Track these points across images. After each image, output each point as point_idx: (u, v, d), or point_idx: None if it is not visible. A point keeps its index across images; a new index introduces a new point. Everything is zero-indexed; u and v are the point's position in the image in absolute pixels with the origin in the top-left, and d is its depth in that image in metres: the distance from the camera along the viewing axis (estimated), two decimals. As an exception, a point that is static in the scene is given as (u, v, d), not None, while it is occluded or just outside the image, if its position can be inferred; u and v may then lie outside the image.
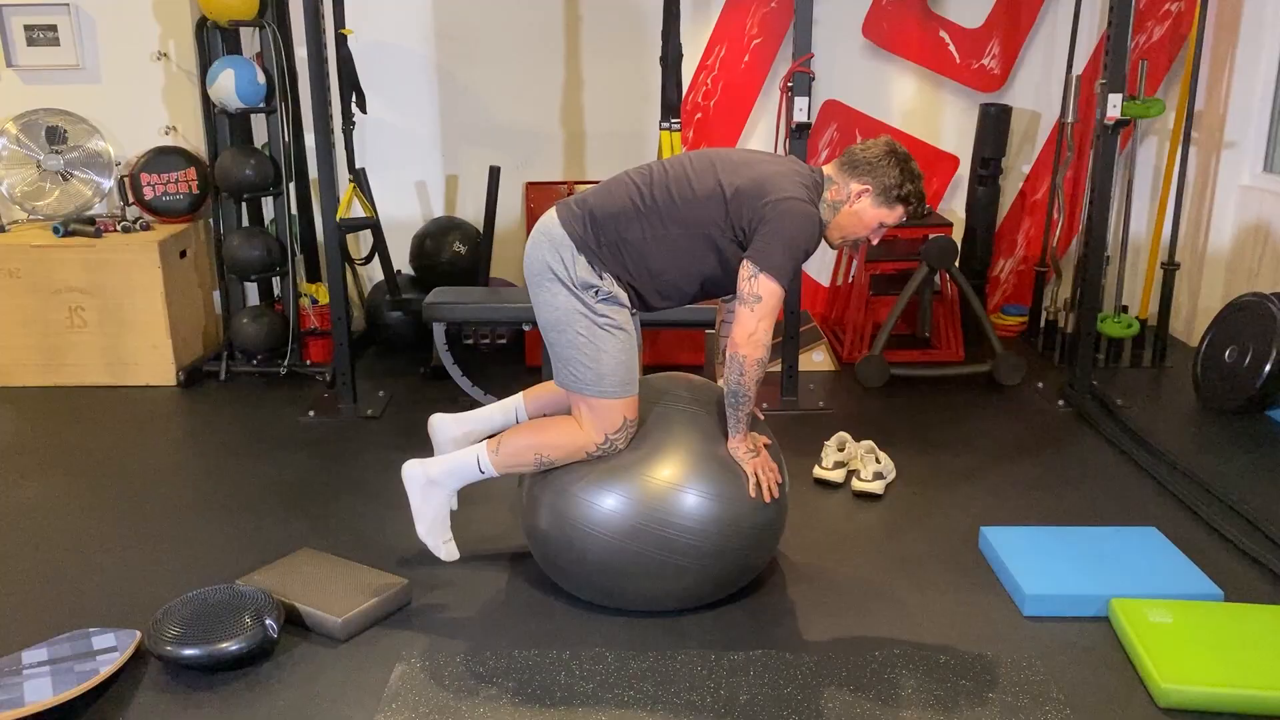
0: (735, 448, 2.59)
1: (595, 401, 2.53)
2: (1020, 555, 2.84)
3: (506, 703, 2.32)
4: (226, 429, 3.97)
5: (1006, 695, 2.34)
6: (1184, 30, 4.78)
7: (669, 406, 2.66)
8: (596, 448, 2.56)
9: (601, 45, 4.84)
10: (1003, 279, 5.21)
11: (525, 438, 2.62)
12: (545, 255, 2.55)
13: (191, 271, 4.60)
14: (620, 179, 2.60)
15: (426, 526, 2.72)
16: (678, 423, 2.62)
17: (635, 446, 2.58)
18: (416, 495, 2.71)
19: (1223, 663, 2.34)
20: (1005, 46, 4.87)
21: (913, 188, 2.54)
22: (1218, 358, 4.13)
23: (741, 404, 2.53)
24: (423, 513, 2.71)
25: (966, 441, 3.82)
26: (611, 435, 2.55)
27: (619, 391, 2.53)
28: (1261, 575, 2.85)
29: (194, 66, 4.55)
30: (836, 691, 2.35)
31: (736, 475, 2.57)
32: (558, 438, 2.58)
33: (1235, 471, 3.51)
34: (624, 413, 2.55)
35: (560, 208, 2.58)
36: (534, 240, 2.59)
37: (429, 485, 2.70)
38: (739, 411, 2.54)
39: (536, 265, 2.57)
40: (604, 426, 2.54)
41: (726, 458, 2.59)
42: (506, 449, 2.63)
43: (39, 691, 2.26)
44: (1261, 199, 4.54)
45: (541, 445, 2.59)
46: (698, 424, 2.62)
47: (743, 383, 2.50)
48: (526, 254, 2.62)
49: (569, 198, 2.63)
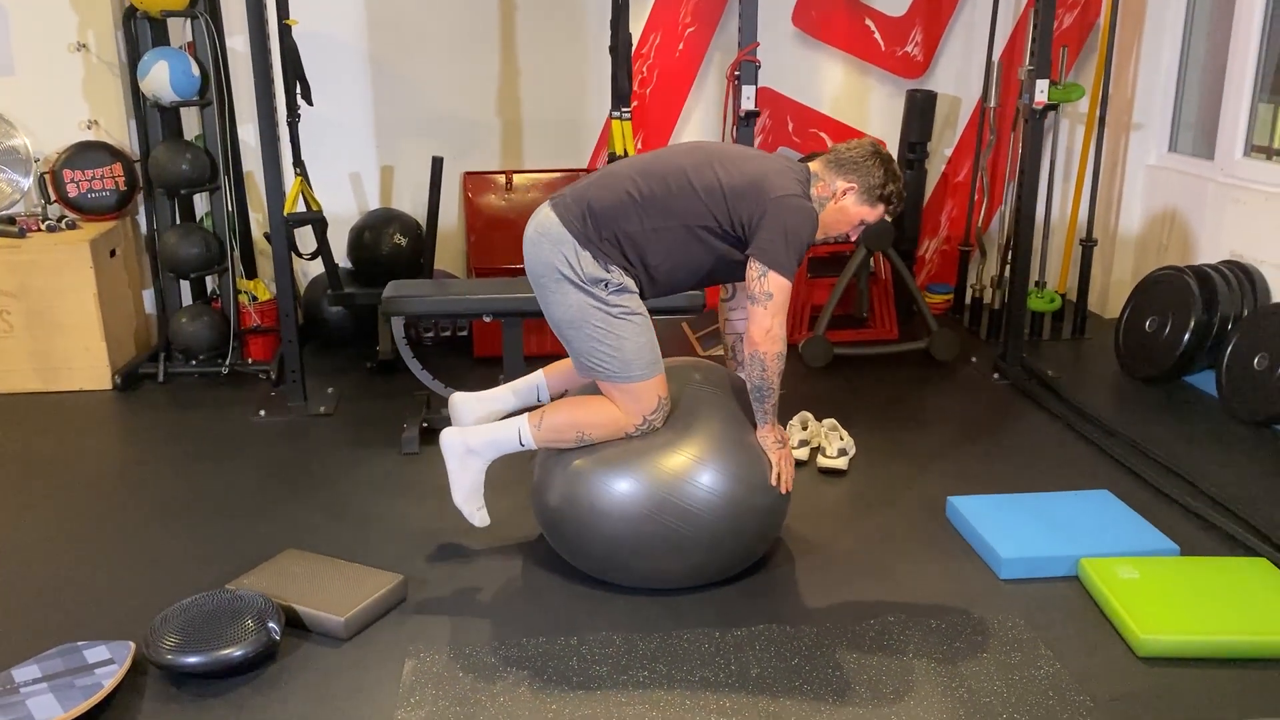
0: (764, 437, 2.69)
1: (626, 386, 2.59)
2: (990, 522, 2.99)
3: (525, 690, 2.35)
4: (174, 432, 3.87)
5: (999, 654, 2.47)
6: (1092, 18, 5.03)
7: (691, 389, 2.74)
8: (635, 428, 2.63)
9: (537, 34, 4.84)
10: (928, 259, 5.41)
11: (568, 414, 2.66)
12: (548, 255, 2.57)
13: (121, 271, 4.45)
14: (614, 171, 2.64)
15: (464, 494, 2.78)
16: (695, 404, 2.70)
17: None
18: (454, 462, 2.76)
19: (1193, 612, 2.52)
20: (927, 34, 5.05)
21: (895, 187, 2.65)
22: (1138, 328, 4.38)
23: (767, 397, 2.63)
24: (460, 481, 2.77)
25: (914, 415, 3.98)
26: (649, 416, 2.62)
27: (648, 373, 2.60)
28: (1208, 530, 3.06)
29: (116, 58, 4.39)
30: (842, 659, 2.45)
31: (752, 457, 2.66)
32: (600, 417, 2.63)
33: (1165, 434, 3.75)
34: (657, 392, 2.62)
35: (556, 205, 2.61)
36: (533, 241, 2.61)
37: (468, 454, 2.74)
38: (765, 404, 2.64)
39: (541, 266, 2.60)
40: (641, 409, 2.60)
41: (749, 442, 2.68)
42: (549, 424, 2.66)
43: (46, 709, 2.20)
44: (1167, 178, 4.82)
45: (584, 424, 2.64)
46: (716, 405, 2.71)
47: (766, 377, 2.59)
48: (527, 256, 2.64)
49: (563, 192, 2.65)
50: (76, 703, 2.22)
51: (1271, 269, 4.10)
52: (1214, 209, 4.45)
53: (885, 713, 2.27)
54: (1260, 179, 4.24)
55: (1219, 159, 4.49)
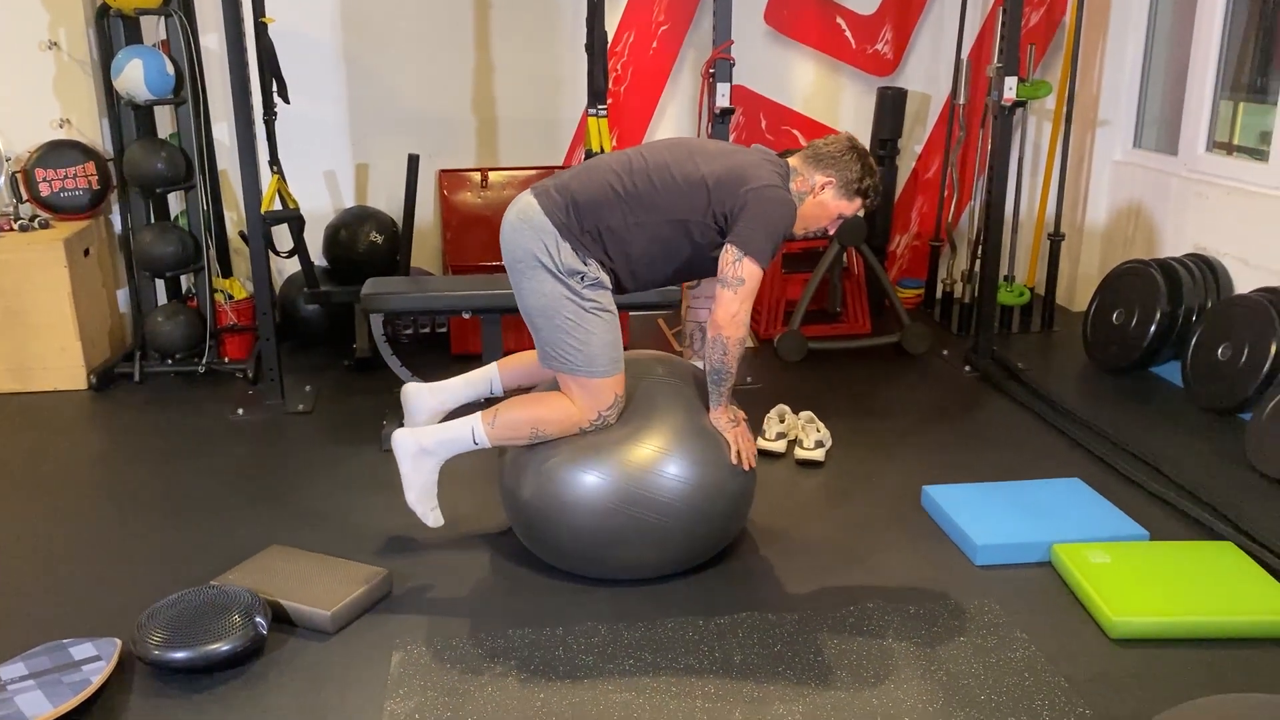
0: (717, 418, 2.72)
1: (586, 381, 2.62)
2: (965, 510, 3.05)
3: (513, 680, 2.38)
4: (152, 431, 3.86)
5: (976, 637, 2.53)
6: (1057, 16, 5.12)
7: (648, 381, 2.77)
8: (590, 423, 2.65)
9: (512, 31, 4.86)
10: (900, 254, 5.48)
11: (521, 412, 2.68)
12: (528, 243, 2.60)
13: (96, 270, 4.42)
14: (597, 165, 2.67)
15: (416, 494, 2.79)
16: (658, 396, 2.73)
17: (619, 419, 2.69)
18: (407, 463, 2.77)
19: (1163, 595, 2.59)
20: (897, 32, 5.12)
21: (872, 182, 2.70)
22: (1106, 320, 4.47)
23: (724, 380, 2.65)
24: (413, 481, 2.78)
25: (888, 408, 4.04)
26: (604, 412, 2.64)
27: (609, 370, 2.62)
28: (1176, 515, 3.14)
29: (88, 56, 4.37)
30: (823, 645, 2.50)
31: (715, 444, 2.70)
32: (553, 413, 2.65)
33: (1133, 423, 3.83)
34: (614, 390, 2.64)
35: (539, 195, 2.64)
36: (514, 227, 2.64)
37: (421, 454, 2.75)
38: (721, 387, 2.67)
39: (519, 253, 2.62)
40: (596, 405, 2.63)
41: (707, 427, 2.71)
42: (502, 422, 2.68)
43: (35, 705, 2.20)
44: (1133, 173, 4.91)
45: (537, 420, 2.66)
46: (678, 397, 2.74)
47: (725, 361, 2.62)
48: (506, 241, 2.66)
49: (545, 183, 2.68)
50: (65, 699, 2.23)
51: (1234, 261, 4.20)
52: (1177, 203, 4.55)
53: (866, 696, 2.32)
54: (1222, 174, 4.34)
55: (1182, 154, 4.59)
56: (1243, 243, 4.15)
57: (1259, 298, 3.83)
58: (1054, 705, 2.28)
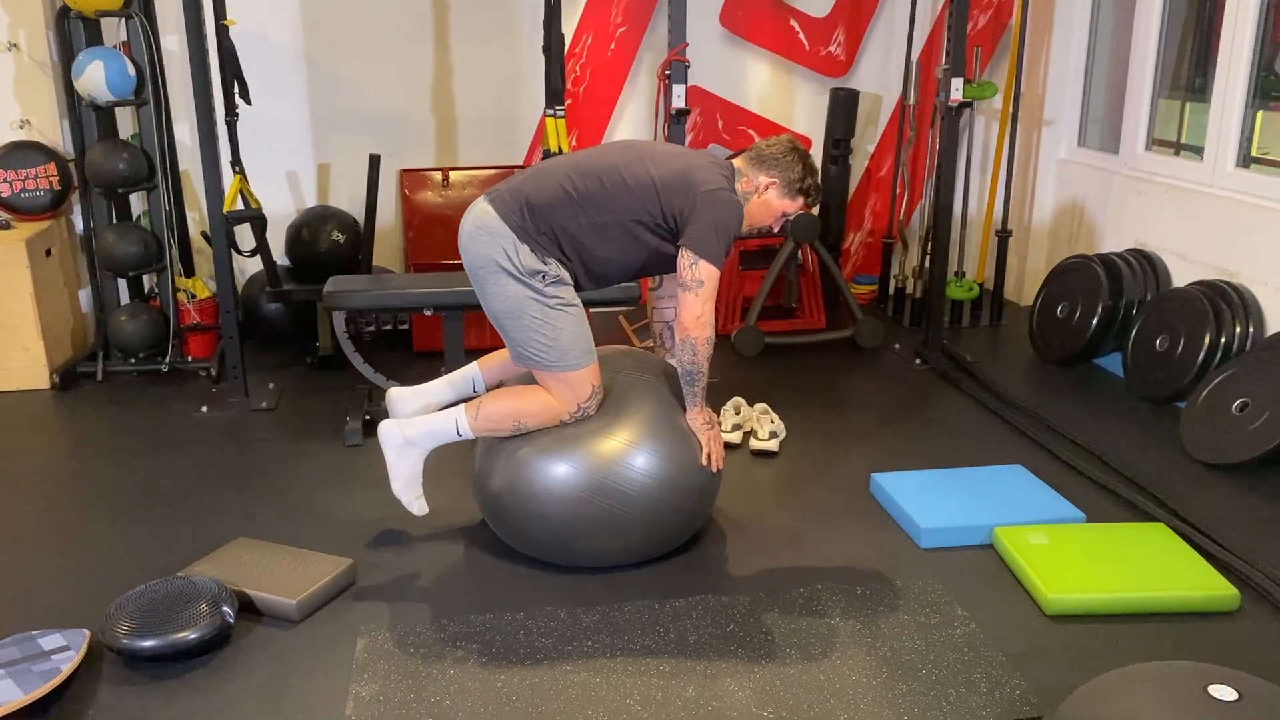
0: (693, 419, 2.82)
1: (562, 375, 2.71)
2: (910, 496, 3.17)
3: (474, 663, 2.47)
4: (116, 429, 3.90)
5: (919, 615, 2.65)
6: (1004, 19, 5.27)
7: (622, 376, 2.87)
8: (570, 415, 2.74)
9: (471, 33, 4.93)
10: (853, 251, 5.61)
11: (504, 404, 2.76)
12: (487, 249, 2.68)
13: (58, 270, 4.45)
14: (550, 167, 2.76)
15: (402, 484, 2.87)
16: (628, 390, 2.82)
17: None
18: (393, 453, 2.85)
19: (1095, 573, 2.72)
20: (849, 34, 5.24)
21: (813, 181, 2.82)
22: (1051, 314, 4.62)
23: (697, 380, 2.76)
24: (399, 471, 2.86)
25: (841, 400, 4.16)
26: (583, 403, 2.74)
27: (582, 362, 2.72)
28: (1112, 499, 3.28)
29: (49, 58, 4.39)
30: (774, 625, 2.61)
31: (683, 440, 2.80)
32: (534, 406, 2.74)
33: (1076, 412, 3.98)
34: (591, 380, 2.73)
35: (494, 200, 2.72)
36: (471, 235, 2.72)
37: (406, 445, 2.83)
38: (695, 387, 2.77)
39: (479, 259, 2.70)
40: (575, 397, 2.72)
41: (680, 425, 2.81)
42: (486, 413, 2.77)
43: (6, 693, 2.26)
44: (1077, 171, 5.07)
45: (520, 413, 2.74)
46: (648, 391, 2.84)
47: (696, 361, 2.72)
48: (465, 249, 2.74)
49: (499, 188, 2.76)
50: (36, 686, 2.28)
51: (1171, 256, 4.36)
52: (1118, 201, 4.71)
53: (813, 671, 2.42)
54: (1161, 172, 4.50)
55: (1123, 153, 4.75)
56: (1180, 238, 4.31)
57: (1194, 291, 3.99)
58: (991, 678, 2.40)
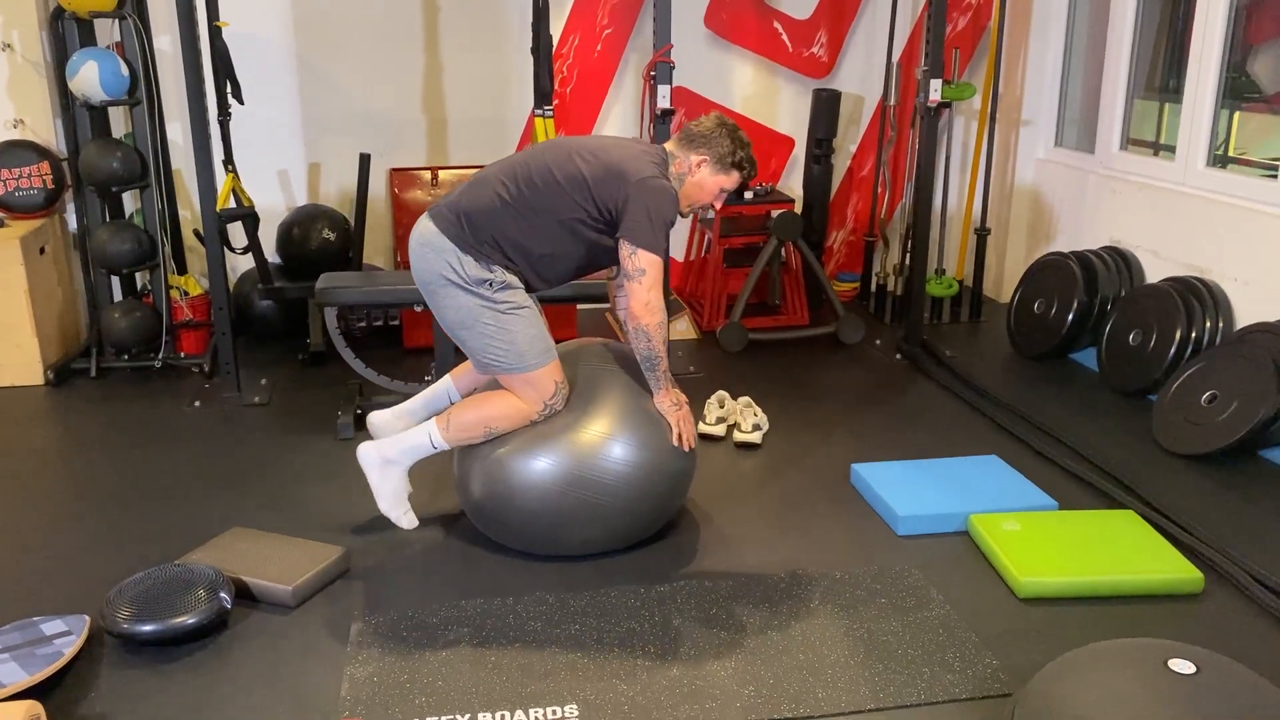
0: (660, 402, 2.89)
1: (524, 376, 2.78)
2: (889, 485, 3.26)
3: (466, 645, 2.55)
4: (111, 424, 3.96)
5: (895, 599, 2.74)
6: (983, 21, 5.37)
7: (588, 369, 2.94)
8: (539, 414, 2.81)
9: (460, 33, 5.01)
10: (836, 249, 5.71)
11: (472, 413, 2.84)
12: (432, 264, 2.77)
13: (51, 268, 4.50)
14: (484, 177, 2.83)
15: (388, 502, 2.95)
16: (599, 382, 2.90)
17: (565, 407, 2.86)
18: (374, 474, 2.92)
19: (1065, 558, 2.82)
20: (832, 36, 5.34)
21: (744, 154, 2.87)
22: (1028, 310, 4.72)
23: (657, 364, 2.83)
24: (382, 489, 2.94)
25: (823, 394, 4.25)
26: (549, 401, 2.81)
27: (542, 361, 2.79)
28: (1084, 488, 3.38)
29: (42, 58, 4.45)
30: (755, 609, 2.70)
31: (655, 426, 2.88)
32: (502, 410, 2.81)
33: (1050, 405, 4.08)
34: (553, 377, 2.80)
35: (435, 217, 2.80)
36: (418, 253, 2.80)
37: (385, 464, 2.90)
38: (656, 371, 2.84)
39: (428, 275, 2.79)
40: (540, 396, 2.79)
41: (650, 410, 2.88)
42: (456, 424, 2.84)
43: (11, 675, 2.33)
44: (1054, 170, 5.18)
45: (488, 419, 2.82)
46: (618, 382, 2.91)
47: (652, 347, 2.80)
48: (413, 266, 2.83)
49: (439, 204, 2.83)
50: (39, 669, 2.35)
51: (1145, 253, 4.47)
52: (1094, 199, 4.82)
53: (793, 652, 2.51)
54: (1135, 171, 4.61)
55: (1099, 153, 4.85)
56: (1153, 236, 4.42)
57: (1167, 287, 4.09)
58: (964, 657, 2.49)
